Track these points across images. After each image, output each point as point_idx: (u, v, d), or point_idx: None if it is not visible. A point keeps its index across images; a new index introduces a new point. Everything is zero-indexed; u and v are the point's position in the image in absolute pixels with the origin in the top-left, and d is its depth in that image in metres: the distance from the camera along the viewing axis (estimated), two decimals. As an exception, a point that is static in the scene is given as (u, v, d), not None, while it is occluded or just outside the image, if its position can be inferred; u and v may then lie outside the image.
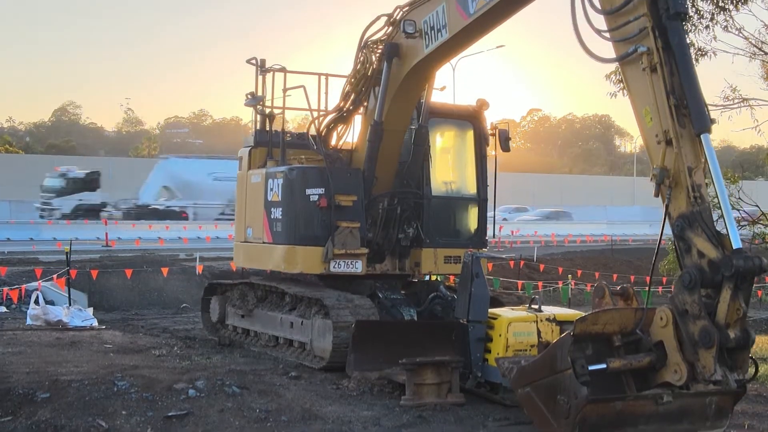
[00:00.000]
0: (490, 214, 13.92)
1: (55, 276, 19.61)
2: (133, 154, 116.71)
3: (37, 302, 17.32)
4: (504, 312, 10.88)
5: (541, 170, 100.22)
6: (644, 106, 9.20)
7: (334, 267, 12.63)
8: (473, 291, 10.71)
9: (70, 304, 19.02)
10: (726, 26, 20.84)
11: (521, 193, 74.10)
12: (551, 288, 25.63)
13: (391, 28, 12.74)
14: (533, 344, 10.66)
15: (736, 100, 21.16)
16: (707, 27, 20.58)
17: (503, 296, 13.17)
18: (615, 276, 35.11)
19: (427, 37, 12.00)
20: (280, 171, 13.11)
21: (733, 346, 8.48)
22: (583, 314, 11.10)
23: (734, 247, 8.53)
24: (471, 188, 13.79)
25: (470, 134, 13.78)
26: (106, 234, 44.17)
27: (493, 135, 13.69)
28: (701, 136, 8.85)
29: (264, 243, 13.45)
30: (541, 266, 35.39)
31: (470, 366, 10.75)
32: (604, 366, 8.96)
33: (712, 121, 9.06)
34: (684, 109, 8.95)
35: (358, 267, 12.76)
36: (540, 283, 25.43)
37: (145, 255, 42.34)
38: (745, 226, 24.55)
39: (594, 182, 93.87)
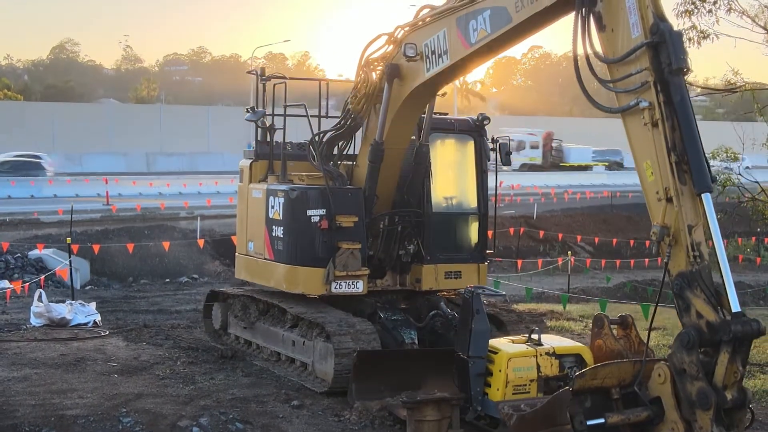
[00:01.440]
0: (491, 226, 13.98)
1: (57, 268, 19.55)
2: (132, 95, 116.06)
3: (40, 299, 17.44)
4: (504, 346, 10.96)
5: (541, 112, 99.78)
6: (645, 160, 9.23)
7: (335, 288, 12.71)
8: (474, 327, 10.78)
9: (73, 298, 19.12)
10: (729, 8, 20.78)
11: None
12: (551, 267, 25.83)
13: (391, 46, 12.66)
14: (533, 378, 10.78)
15: (738, 84, 21.12)
16: (710, 11, 20.53)
17: (503, 314, 13.21)
18: (615, 240, 35.36)
19: (428, 60, 11.93)
20: (281, 190, 13.10)
21: (730, 407, 8.61)
22: (582, 346, 11.29)
23: (733, 311, 8.64)
24: (472, 203, 13.81)
25: (471, 148, 13.76)
26: (107, 192, 44.21)
27: (494, 150, 13.68)
28: (702, 195, 8.89)
29: (265, 259, 13.50)
30: (541, 233, 35.63)
31: (470, 400, 10.87)
32: (602, 421, 9.15)
33: (713, 180, 9.09)
34: (685, 165, 8.98)
35: (359, 287, 12.84)
36: (540, 262, 25.61)
37: (145, 214, 42.67)
38: (744, 204, 24.72)
39: (595, 126, 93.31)
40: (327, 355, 12.13)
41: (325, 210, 12.71)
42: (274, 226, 13.25)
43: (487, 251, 13.86)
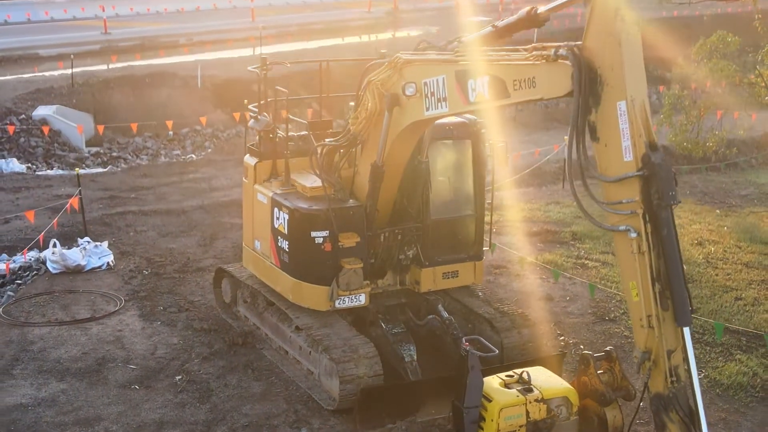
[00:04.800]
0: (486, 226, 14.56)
1: (67, 207, 20.13)
2: None
3: (55, 246, 18.22)
4: (496, 394, 11.77)
5: None
6: (631, 281, 9.77)
7: (338, 303, 13.44)
8: (469, 382, 11.62)
9: (86, 234, 19.84)
10: None
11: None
12: (546, 156, 26.31)
13: (391, 71, 12.76)
14: (522, 424, 11.73)
15: None
16: None
17: (497, 319, 13.96)
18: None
19: (427, 100, 12.11)
20: (285, 206, 13.54)
21: None
22: (569, 388, 12.11)
23: (704, 438, 9.53)
24: (469, 205, 14.28)
25: (469, 152, 14.09)
26: (105, 21, 43.76)
27: (491, 155, 14.05)
28: (682, 328, 9.54)
29: (272, 264, 14.13)
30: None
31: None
32: None
33: (693, 311, 9.69)
34: (668, 292, 9.56)
35: (362, 299, 13.57)
36: (540, 152, 26.04)
37: (144, 43, 42.46)
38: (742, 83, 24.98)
39: None
40: (332, 374, 13.01)
41: (328, 231, 13.24)
42: (279, 237, 13.80)
43: (484, 248, 14.53)
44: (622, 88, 9.43)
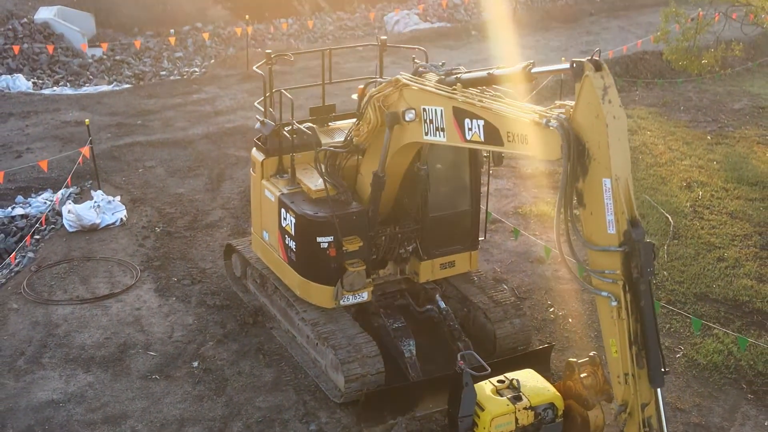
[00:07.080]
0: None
1: (80, 159, 20.81)
2: None
3: (71, 203, 19.10)
4: (488, 403, 12.86)
5: None
6: (610, 338, 10.73)
7: (343, 301, 14.40)
8: (463, 397, 12.73)
9: (97, 180, 20.60)
10: None
11: None
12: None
13: (392, 88, 13.28)
14: (511, 430, 12.92)
15: None
16: None
17: (491, 309, 14.95)
18: None
19: (425, 125, 12.69)
20: (291, 208, 14.30)
21: None
22: (556, 394, 13.20)
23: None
24: (466, 201, 15.01)
25: (466, 151, 14.75)
26: None
27: (487, 157, 14.72)
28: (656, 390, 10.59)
29: (280, 257, 15.01)
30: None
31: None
32: None
33: (666, 372, 10.69)
34: (643, 352, 10.54)
35: (365, 296, 14.51)
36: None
37: None
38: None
39: None
40: (338, 370, 14.11)
41: (332, 237, 14.06)
42: (286, 236, 14.62)
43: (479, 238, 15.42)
44: (608, 166, 10.10)
